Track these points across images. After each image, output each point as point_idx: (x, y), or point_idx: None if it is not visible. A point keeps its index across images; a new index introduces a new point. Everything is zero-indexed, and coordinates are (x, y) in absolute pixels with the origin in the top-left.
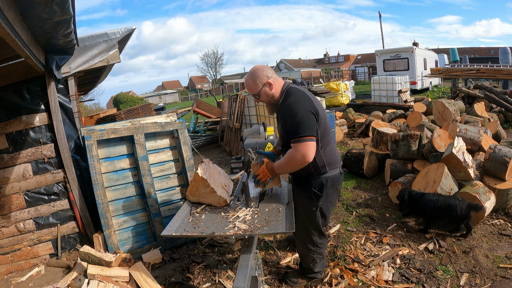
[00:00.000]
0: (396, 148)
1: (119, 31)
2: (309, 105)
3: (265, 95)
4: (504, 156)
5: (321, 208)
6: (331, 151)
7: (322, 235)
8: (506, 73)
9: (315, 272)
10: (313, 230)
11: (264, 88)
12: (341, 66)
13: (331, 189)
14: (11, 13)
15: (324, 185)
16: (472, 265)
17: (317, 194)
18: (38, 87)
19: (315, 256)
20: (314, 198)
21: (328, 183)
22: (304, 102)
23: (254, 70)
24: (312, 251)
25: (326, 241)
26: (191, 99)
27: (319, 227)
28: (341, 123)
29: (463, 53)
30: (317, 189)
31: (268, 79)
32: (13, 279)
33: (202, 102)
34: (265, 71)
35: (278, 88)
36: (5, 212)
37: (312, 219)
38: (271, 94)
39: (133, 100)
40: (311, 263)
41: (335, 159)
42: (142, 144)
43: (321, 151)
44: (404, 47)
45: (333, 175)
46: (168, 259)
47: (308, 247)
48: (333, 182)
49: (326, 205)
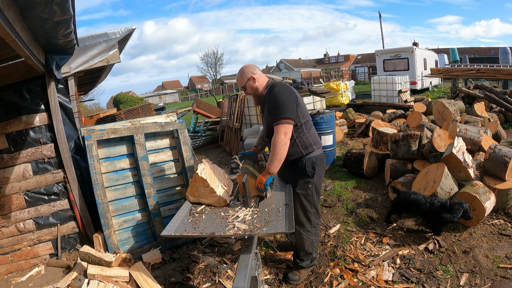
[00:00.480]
0: (396, 148)
1: (119, 31)
2: (291, 93)
3: (250, 87)
4: (504, 156)
5: (315, 184)
6: (313, 133)
7: (317, 214)
8: (506, 73)
9: (313, 259)
10: (310, 208)
11: (248, 82)
12: (341, 66)
13: (320, 166)
14: (11, 13)
15: (315, 163)
16: (472, 265)
17: (311, 171)
18: (38, 87)
19: (313, 238)
20: (310, 175)
21: (318, 160)
22: (286, 90)
23: (242, 68)
24: (310, 233)
25: (320, 221)
26: (191, 99)
27: (315, 204)
28: (341, 123)
29: (463, 53)
30: (311, 167)
31: (253, 74)
32: (13, 279)
33: (202, 102)
34: (250, 68)
35: (262, 83)
36: (5, 212)
37: (308, 196)
38: (255, 87)
39: (133, 100)
40: (309, 247)
41: (317, 139)
42: (142, 144)
43: (306, 132)
44: (404, 47)
45: (320, 153)
46: (168, 259)
47: (306, 228)
48: (321, 160)
49: (319, 181)
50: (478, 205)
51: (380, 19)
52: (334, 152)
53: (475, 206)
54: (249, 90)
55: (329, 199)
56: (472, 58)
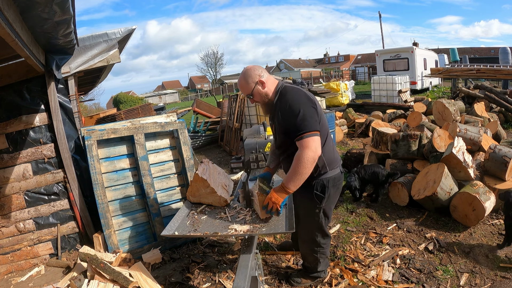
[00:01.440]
0: (396, 148)
1: (119, 31)
2: (308, 100)
3: (258, 94)
4: (504, 156)
5: (324, 209)
6: (330, 150)
7: (325, 236)
8: (506, 73)
9: (319, 271)
10: (316, 231)
11: (257, 86)
12: (341, 66)
13: (333, 190)
14: (11, 13)
15: (326, 186)
16: (472, 265)
17: (320, 196)
18: (38, 87)
19: (319, 256)
20: (317, 200)
21: (330, 183)
22: (302, 98)
23: (246, 70)
24: (316, 252)
25: (330, 241)
26: (191, 99)
27: (323, 228)
28: (341, 123)
29: (463, 53)
30: (320, 190)
31: (261, 77)
32: (13, 279)
33: (202, 102)
34: (257, 70)
35: (271, 87)
36: (5, 212)
37: (315, 221)
38: (264, 92)
39: (133, 100)
40: (313, 262)
41: (334, 158)
42: (142, 144)
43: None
44: (404, 47)
45: (334, 175)
46: (168, 259)
47: (312, 248)
48: (334, 182)
49: (329, 206)
50: (478, 205)
51: (380, 19)
52: None
53: (475, 206)
54: (257, 97)
55: None
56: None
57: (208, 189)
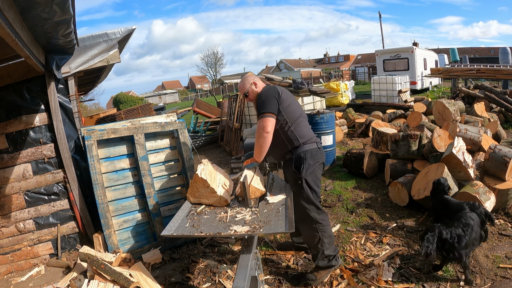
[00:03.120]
0: (396, 148)
1: (119, 31)
2: (272, 92)
3: (252, 92)
4: (504, 156)
5: (306, 180)
6: (302, 128)
7: (319, 209)
8: (506, 73)
9: (328, 256)
10: (307, 205)
11: (251, 86)
12: (341, 66)
13: (311, 161)
14: (11, 13)
15: (302, 157)
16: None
17: (298, 166)
18: (38, 87)
19: (320, 235)
20: (296, 171)
21: (306, 155)
22: (269, 89)
23: (245, 76)
24: (316, 230)
25: (327, 217)
26: (191, 99)
27: (312, 200)
28: (341, 123)
29: (463, 53)
30: (297, 162)
31: (254, 81)
32: (13, 279)
33: (202, 102)
34: (253, 77)
35: (260, 88)
36: (5, 212)
37: (302, 193)
38: (256, 91)
39: (133, 100)
40: (318, 244)
41: (306, 134)
42: (142, 144)
43: (291, 127)
44: (404, 47)
45: (310, 148)
46: (168, 259)
47: (310, 225)
48: (311, 154)
49: (311, 177)
50: None
51: (380, 19)
52: (334, 152)
53: None
54: (251, 95)
55: (329, 199)
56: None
57: (208, 189)
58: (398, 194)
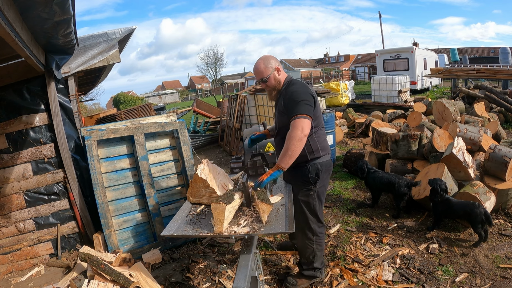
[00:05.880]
0: (396, 148)
1: (119, 31)
2: (310, 91)
3: (273, 79)
4: (504, 156)
5: (317, 192)
6: (323, 138)
7: (320, 223)
8: (506, 73)
9: (315, 268)
10: (311, 216)
11: (274, 72)
12: (341, 66)
13: (325, 174)
14: (11, 13)
15: (319, 169)
16: (472, 265)
17: (314, 178)
18: (38, 87)
19: (315, 247)
20: (312, 182)
21: (323, 167)
22: (305, 89)
23: (266, 56)
24: (312, 241)
25: (325, 231)
26: (191, 99)
27: (317, 212)
28: (341, 123)
29: (463, 53)
30: (314, 174)
31: (278, 66)
32: (13, 279)
33: (202, 102)
34: (275, 59)
35: (283, 77)
36: (5, 212)
37: (309, 203)
38: (278, 79)
39: (133, 100)
40: (310, 255)
41: (326, 145)
42: (142, 144)
43: (314, 135)
44: (404, 47)
45: (326, 161)
46: (168, 259)
47: (308, 236)
48: (326, 167)
49: (322, 189)
50: None
51: (380, 19)
52: (334, 152)
53: None
54: (271, 81)
55: (329, 199)
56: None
57: (208, 190)
58: None
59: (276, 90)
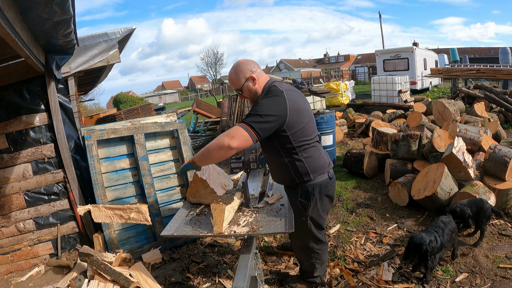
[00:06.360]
0: (396, 148)
1: (119, 31)
2: (280, 107)
3: (248, 90)
4: (504, 156)
5: (311, 217)
6: (315, 156)
7: (319, 242)
8: (506, 73)
9: (315, 277)
10: (308, 238)
11: (247, 83)
12: (341, 66)
13: (319, 196)
14: (11, 13)
15: (310, 193)
16: (472, 265)
17: (304, 203)
18: (38, 87)
19: (314, 261)
20: (302, 207)
21: (315, 190)
22: (275, 103)
23: (237, 64)
24: (310, 257)
25: (325, 246)
26: (191, 99)
27: (314, 234)
28: (341, 123)
29: (463, 53)
30: (304, 198)
31: (252, 73)
32: (13, 279)
33: (202, 102)
34: (249, 65)
35: (261, 84)
36: (5, 212)
37: (304, 227)
38: (254, 89)
39: (133, 100)
40: (310, 268)
41: (320, 164)
42: (142, 144)
43: (301, 155)
44: (404, 47)
45: (320, 181)
46: (168, 259)
47: (305, 253)
48: (321, 189)
49: (317, 213)
50: None
51: (380, 19)
52: (334, 152)
53: None
54: (246, 93)
55: None
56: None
57: (208, 190)
58: (398, 194)
59: (253, 100)
